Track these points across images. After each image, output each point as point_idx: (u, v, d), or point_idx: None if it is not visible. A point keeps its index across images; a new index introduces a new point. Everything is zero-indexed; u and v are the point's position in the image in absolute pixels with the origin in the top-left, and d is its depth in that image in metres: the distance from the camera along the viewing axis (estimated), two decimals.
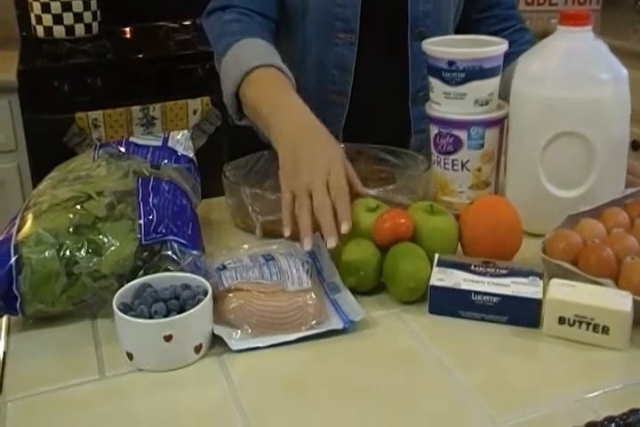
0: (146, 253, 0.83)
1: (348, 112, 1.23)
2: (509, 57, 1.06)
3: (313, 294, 0.81)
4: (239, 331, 0.79)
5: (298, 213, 0.90)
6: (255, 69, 1.06)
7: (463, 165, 1.03)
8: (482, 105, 1.02)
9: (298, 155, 0.94)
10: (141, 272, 0.82)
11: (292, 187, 0.92)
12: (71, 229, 0.83)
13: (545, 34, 1.00)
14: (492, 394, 0.71)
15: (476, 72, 1.00)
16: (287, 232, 0.90)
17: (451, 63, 1.01)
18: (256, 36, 1.13)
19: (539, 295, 0.80)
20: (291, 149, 0.95)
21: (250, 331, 0.79)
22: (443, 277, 0.83)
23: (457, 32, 1.27)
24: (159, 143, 1.09)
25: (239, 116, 1.14)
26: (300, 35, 1.21)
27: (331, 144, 0.97)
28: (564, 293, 0.78)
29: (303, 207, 0.89)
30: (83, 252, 0.82)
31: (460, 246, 0.92)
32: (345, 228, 0.87)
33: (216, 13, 1.20)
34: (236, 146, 1.41)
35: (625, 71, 0.96)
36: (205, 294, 0.78)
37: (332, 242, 0.86)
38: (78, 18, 2.28)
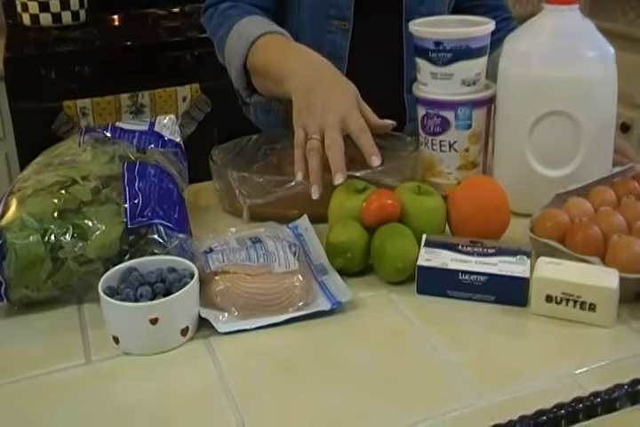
0: (132, 237, 0.83)
1: None
2: (496, 43, 1.05)
3: (300, 276, 0.81)
4: (226, 313, 0.79)
5: (308, 155, 0.91)
6: (259, 38, 1.07)
7: (451, 146, 1.03)
8: (469, 85, 1.02)
9: (311, 96, 0.96)
10: (127, 256, 0.82)
11: (305, 124, 0.94)
12: (56, 214, 0.82)
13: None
14: (481, 372, 0.71)
15: (463, 52, 1.00)
16: (299, 176, 0.92)
17: (437, 43, 1.00)
18: (255, 15, 1.14)
19: (526, 274, 0.80)
20: (304, 91, 0.97)
21: (237, 313, 0.79)
22: (430, 258, 0.83)
23: None
24: (145, 128, 1.08)
25: (248, 91, 1.14)
26: (295, 22, 1.21)
27: (344, 84, 0.98)
28: (551, 271, 0.78)
29: (314, 148, 0.91)
30: (68, 236, 0.81)
31: (447, 226, 0.92)
32: (377, 162, 0.91)
33: (212, 7, 1.21)
34: (225, 132, 1.40)
35: (611, 49, 0.95)
36: (192, 276, 0.78)
37: (339, 179, 0.89)
38: (65, 5, 2.26)
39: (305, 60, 1.03)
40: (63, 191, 0.85)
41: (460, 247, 0.84)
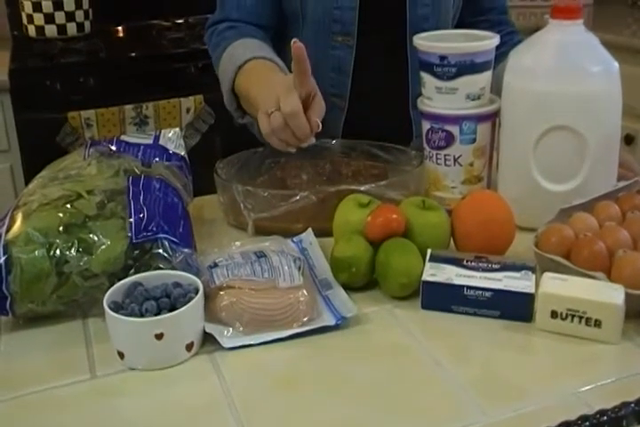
0: (137, 252, 0.83)
1: (348, 115, 1.23)
2: (500, 57, 1.06)
3: (305, 291, 0.81)
4: (231, 329, 0.79)
5: (278, 134, 0.94)
6: (247, 62, 1.09)
7: (455, 160, 1.03)
8: (473, 99, 1.02)
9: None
10: (132, 271, 0.82)
11: (265, 111, 0.95)
12: (61, 229, 0.83)
13: (537, 29, 0.99)
14: (485, 388, 0.71)
15: (468, 67, 1.00)
16: (293, 150, 0.97)
17: (442, 58, 1.00)
18: (249, 37, 1.15)
19: (531, 289, 0.80)
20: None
21: (241, 328, 0.79)
22: (435, 273, 0.83)
23: None
24: (150, 141, 1.08)
25: (240, 113, 1.15)
26: (298, 38, 1.21)
27: (279, 80, 1.00)
28: (557, 286, 0.78)
29: (278, 124, 0.93)
30: (73, 251, 0.81)
31: (452, 241, 0.92)
32: (305, 144, 0.95)
33: (212, 27, 1.24)
34: (229, 144, 1.41)
35: (616, 64, 0.95)
36: (197, 291, 0.78)
37: (309, 142, 0.95)
38: (70, 17, 2.27)
39: (272, 88, 1.02)
40: (68, 206, 0.85)
41: (464, 262, 0.84)
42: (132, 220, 0.84)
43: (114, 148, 1.05)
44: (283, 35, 1.21)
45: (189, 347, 0.76)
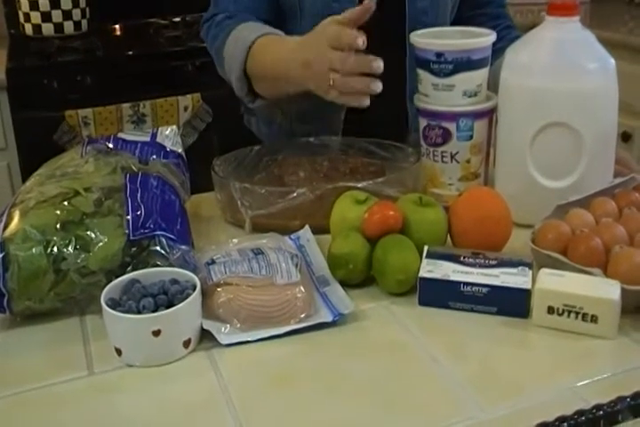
0: (134, 249, 0.83)
1: (346, 110, 1.23)
2: (498, 52, 1.06)
3: (302, 288, 0.81)
4: (228, 325, 0.79)
5: (341, 88, 0.93)
6: (255, 42, 1.08)
7: (452, 157, 1.03)
8: (470, 96, 1.02)
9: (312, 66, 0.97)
10: (130, 268, 0.82)
11: (322, 82, 0.94)
12: (58, 226, 0.83)
13: (534, 26, 0.99)
14: (482, 384, 0.71)
15: (465, 63, 1.00)
16: (366, 102, 0.94)
17: (439, 55, 1.00)
18: (250, 22, 1.15)
19: (528, 285, 0.80)
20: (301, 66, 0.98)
21: (239, 325, 0.79)
22: (432, 269, 0.83)
23: None
24: (147, 139, 1.08)
25: (250, 98, 1.14)
26: (297, 32, 1.21)
27: (316, 33, 0.99)
28: (553, 282, 0.78)
29: (336, 83, 0.93)
30: (70, 248, 0.81)
31: (449, 238, 0.92)
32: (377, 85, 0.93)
33: (209, 21, 1.23)
34: (226, 142, 1.40)
35: (612, 61, 0.96)
36: (194, 288, 0.78)
37: (378, 87, 0.93)
38: (67, 15, 2.27)
39: (301, 47, 1.02)
40: (66, 203, 0.86)
41: (461, 259, 0.84)
42: (129, 217, 0.84)
43: (111, 145, 1.05)
44: (280, 29, 1.21)
45: (187, 344, 0.76)
